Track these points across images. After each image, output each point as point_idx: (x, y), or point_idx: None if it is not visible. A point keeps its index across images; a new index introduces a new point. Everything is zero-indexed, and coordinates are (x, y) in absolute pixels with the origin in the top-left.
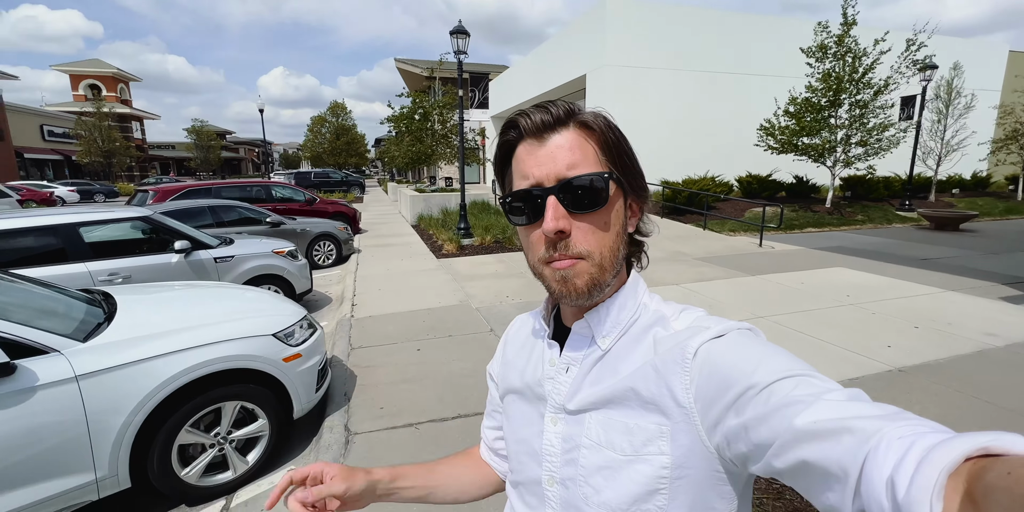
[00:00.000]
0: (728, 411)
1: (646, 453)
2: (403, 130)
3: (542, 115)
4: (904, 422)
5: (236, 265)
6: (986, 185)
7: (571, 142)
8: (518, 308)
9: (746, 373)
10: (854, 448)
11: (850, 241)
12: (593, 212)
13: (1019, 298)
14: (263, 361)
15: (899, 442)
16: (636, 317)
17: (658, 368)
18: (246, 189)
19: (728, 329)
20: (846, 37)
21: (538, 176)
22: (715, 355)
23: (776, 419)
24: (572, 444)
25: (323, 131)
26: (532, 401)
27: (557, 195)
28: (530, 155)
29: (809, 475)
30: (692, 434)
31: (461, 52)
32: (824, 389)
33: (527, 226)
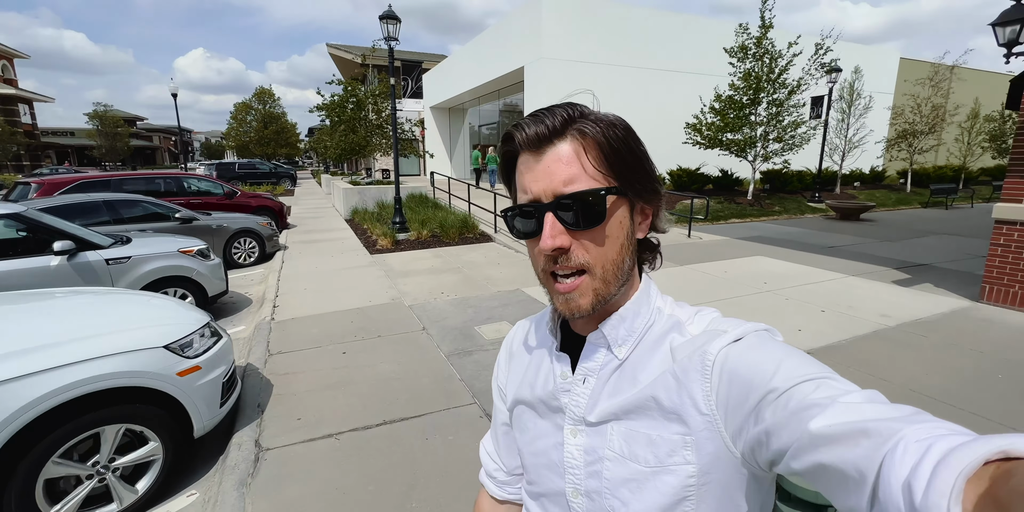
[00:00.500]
0: (750, 417)
1: (671, 464)
2: (336, 119)
3: (537, 127)
4: (922, 424)
5: (133, 267)
6: (882, 179)
7: (568, 156)
8: (453, 305)
9: (765, 378)
10: (871, 451)
11: (769, 231)
12: (592, 228)
13: (907, 281)
14: (152, 377)
15: (916, 445)
16: (651, 323)
17: (678, 376)
18: (154, 182)
19: (745, 332)
20: (764, 39)
21: (535, 192)
22: (734, 360)
23: (794, 423)
24: (595, 456)
25: (248, 119)
26: (546, 414)
27: (554, 212)
28: (528, 169)
29: (827, 478)
30: (717, 441)
31: (392, 38)
32: (841, 391)
33: (530, 240)
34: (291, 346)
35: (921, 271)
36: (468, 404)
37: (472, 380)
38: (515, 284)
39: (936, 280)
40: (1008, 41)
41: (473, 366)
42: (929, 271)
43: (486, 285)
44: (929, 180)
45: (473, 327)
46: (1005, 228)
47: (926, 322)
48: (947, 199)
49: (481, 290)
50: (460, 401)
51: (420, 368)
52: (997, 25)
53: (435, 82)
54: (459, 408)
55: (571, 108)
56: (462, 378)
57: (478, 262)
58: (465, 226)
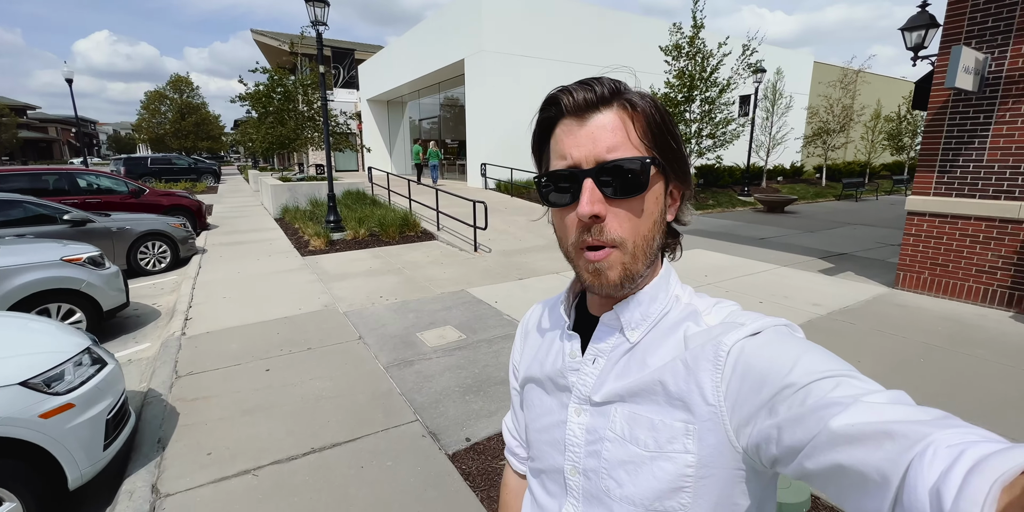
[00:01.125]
0: (761, 410)
1: (670, 450)
2: (262, 111)
3: (585, 93)
4: (953, 429)
5: (1, 280)
6: (801, 173)
7: (613, 123)
8: (393, 310)
9: (782, 372)
10: (896, 454)
11: (705, 224)
12: (631, 198)
13: (832, 270)
14: (3, 423)
15: (947, 450)
16: (667, 310)
17: (688, 364)
18: (40, 179)
19: (764, 326)
20: (696, 39)
21: (576, 157)
22: (749, 353)
23: (812, 420)
24: (596, 436)
25: (163, 109)
26: (553, 391)
27: (595, 178)
28: (569, 135)
29: (844, 480)
30: (719, 433)
31: (320, 23)
32: (865, 390)
33: (562, 208)
34: (204, 365)
35: (842, 260)
36: (409, 422)
37: (413, 394)
38: (459, 285)
39: (856, 268)
40: (915, 45)
41: (415, 378)
42: (849, 260)
43: (428, 287)
44: (841, 175)
45: (415, 333)
46: (916, 219)
47: (852, 310)
48: (856, 192)
49: (423, 292)
50: (400, 419)
51: (355, 383)
52: (905, 30)
53: (372, 74)
54: (399, 427)
55: (617, 81)
56: (402, 392)
57: (420, 262)
58: (406, 224)
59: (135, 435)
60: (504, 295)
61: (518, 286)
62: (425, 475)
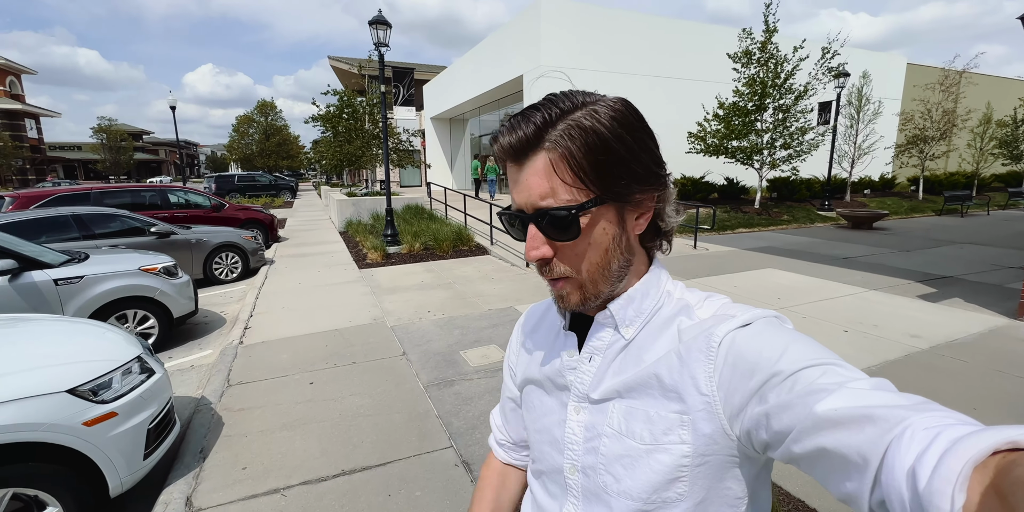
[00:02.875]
0: (751, 398)
1: (666, 442)
2: (333, 130)
3: (510, 138)
4: (930, 413)
5: (86, 288)
6: (892, 186)
7: (544, 168)
8: (439, 325)
9: (771, 361)
10: (876, 437)
11: (778, 241)
12: (571, 241)
13: (934, 296)
14: (48, 429)
15: (924, 433)
16: (659, 306)
17: (682, 356)
18: (138, 195)
19: (754, 317)
20: (768, 44)
21: (519, 202)
22: (740, 343)
23: (799, 406)
24: (594, 433)
25: (250, 131)
26: (552, 391)
27: (536, 223)
28: (512, 181)
29: (827, 462)
30: (714, 422)
31: (382, 44)
32: (849, 378)
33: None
34: (254, 375)
35: (947, 284)
36: (443, 448)
37: (450, 417)
38: (508, 301)
39: (965, 294)
40: None
41: (453, 399)
42: (955, 284)
43: (477, 302)
44: (941, 187)
45: (458, 352)
46: None
47: (962, 344)
48: (962, 206)
49: (471, 308)
50: (434, 444)
51: (394, 402)
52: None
53: (435, 93)
54: (432, 454)
55: (550, 108)
56: (439, 414)
57: (471, 277)
58: (460, 238)
59: (181, 442)
60: None
61: None
62: (453, 511)
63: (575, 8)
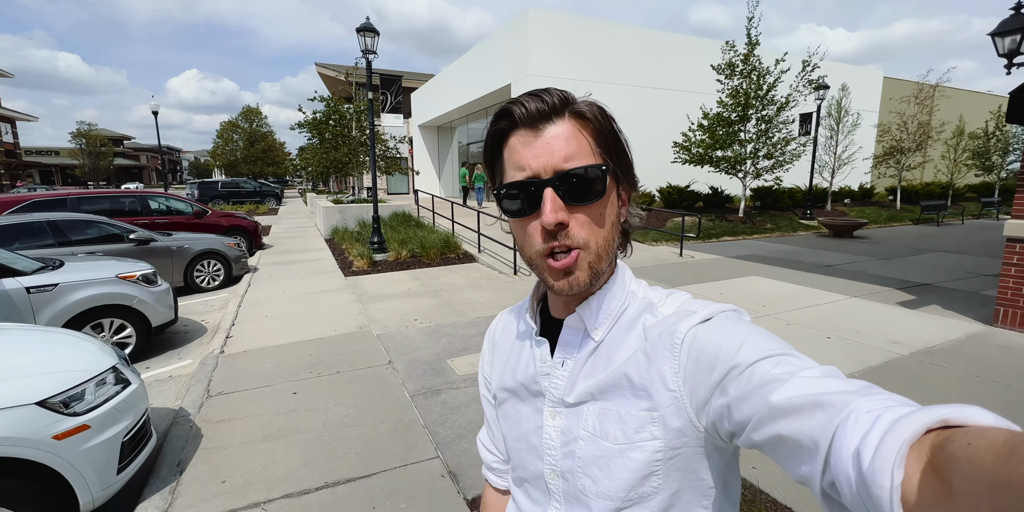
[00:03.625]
0: (714, 391)
1: (639, 440)
2: (319, 137)
3: (537, 104)
4: (873, 397)
5: (60, 296)
6: (871, 196)
7: (567, 132)
8: (426, 334)
9: (730, 354)
10: (824, 422)
11: (762, 249)
12: (590, 204)
13: (913, 303)
14: (15, 444)
15: (866, 416)
16: (625, 306)
17: (648, 354)
18: (116, 201)
19: (714, 312)
20: (751, 56)
21: (535, 167)
22: (701, 338)
23: (756, 397)
24: (570, 437)
25: (235, 138)
26: (527, 398)
27: (555, 187)
28: (526, 146)
29: (784, 448)
30: (683, 416)
31: (370, 51)
32: (801, 367)
33: (523, 218)
34: (235, 385)
35: (924, 291)
36: (429, 458)
37: (436, 426)
38: (495, 309)
39: (942, 301)
40: (1008, 51)
41: (440, 409)
42: (933, 291)
43: (464, 311)
44: (918, 197)
45: (445, 360)
46: (1018, 246)
47: (941, 350)
48: (938, 215)
49: (458, 316)
50: (420, 454)
51: (379, 411)
52: (996, 35)
53: (423, 101)
54: (417, 464)
55: (565, 92)
56: (426, 424)
57: (458, 284)
58: (447, 246)
59: (157, 455)
60: None
61: None
62: None
63: (562, 19)
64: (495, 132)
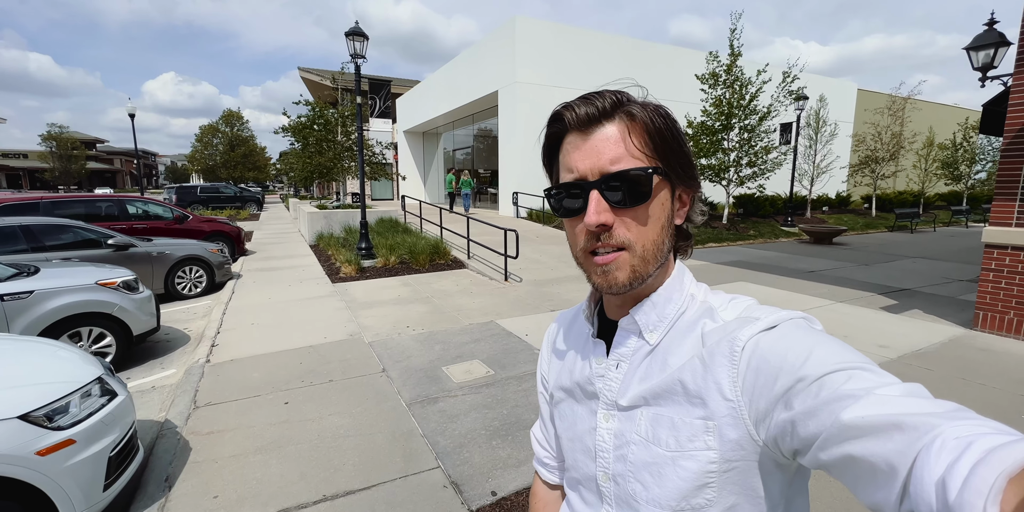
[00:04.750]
0: (777, 404)
1: (691, 449)
2: (304, 142)
3: (587, 108)
4: (963, 421)
5: (36, 303)
6: (847, 203)
7: (616, 135)
8: (419, 341)
9: (796, 365)
10: (904, 446)
11: (747, 255)
12: (636, 206)
13: (896, 307)
14: None
15: (955, 442)
16: (683, 309)
17: (706, 361)
18: (93, 205)
19: (780, 320)
20: (734, 67)
21: (582, 170)
22: (764, 347)
23: (824, 413)
24: (623, 440)
25: (215, 142)
26: (583, 399)
27: (600, 189)
28: (575, 148)
29: (855, 471)
30: (740, 428)
31: (359, 56)
32: (878, 383)
33: (572, 218)
34: (223, 396)
35: (906, 296)
36: (430, 469)
37: (436, 436)
38: (488, 315)
39: (924, 306)
40: (983, 65)
41: (438, 417)
42: (914, 296)
43: (457, 317)
44: (892, 205)
45: (440, 368)
46: (996, 252)
47: (926, 353)
48: (911, 223)
49: (451, 323)
50: (420, 465)
51: (375, 421)
52: (971, 49)
53: (409, 106)
54: (418, 475)
55: (619, 93)
56: (424, 433)
57: (449, 291)
58: (436, 252)
59: (143, 471)
60: (535, 327)
61: (549, 318)
62: None
63: (549, 27)
64: (550, 135)
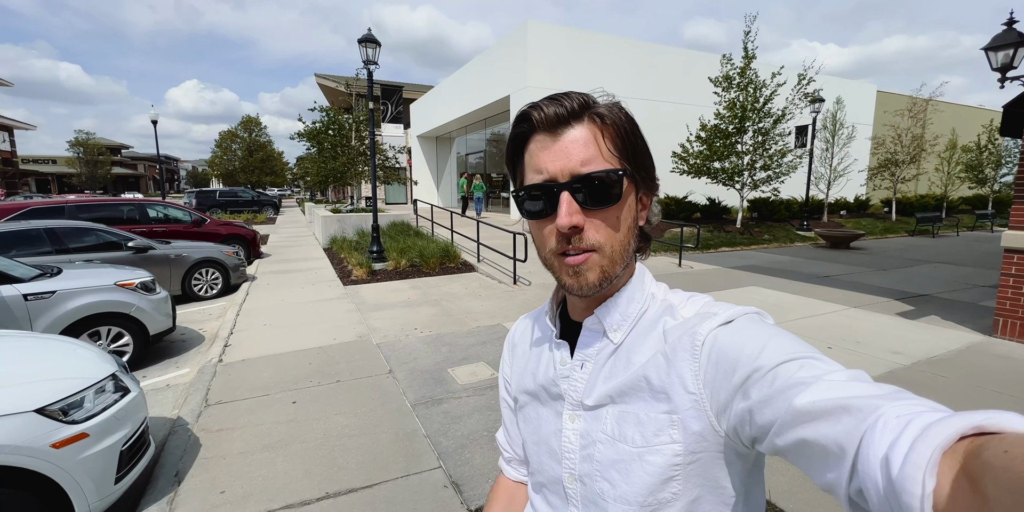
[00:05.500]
0: (736, 394)
1: (657, 443)
2: (318, 146)
3: (556, 108)
4: (902, 401)
5: (58, 303)
6: (866, 207)
7: (585, 137)
8: (426, 342)
9: (752, 357)
10: (851, 427)
11: (760, 260)
12: (606, 208)
13: (912, 313)
14: (13, 451)
15: (896, 421)
16: (645, 308)
17: (668, 356)
18: (114, 209)
19: (735, 315)
20: (747, 69)
21: (552, 171)
22: (722, 341)
23: (779, 401)
24: (589, 440)
25: (234, 147)
26: (547, 401)
27: (571, 191)
28: (544, 149)
29: (809, 454)
30: (703, 420)
31: (371, 62)
32: (826, 370)
33: (540, 220)
34: (234, 394)
35: (923, 302)
36: (431, 469)
37: (438, 436)
38: (496, 318)
39: (941, 312)
40: (1002, 65)
41: (442, 418)
42: (931, 302)
43: (465, 320)
44: (913, 209)
45: (446, 369)
46: (1016, 257)
47: (942, 360)
48: (933, 227)
49: (459, 325)
50: (422, 465)
51: (380, 421)
52: (989, 50)
53: (422, 112)
54: (419, 475)
55: (585, 95)
56: (427, 434)
57: (458, 293)
58: (447, 255)
59: (155, 466)
60: None
61: None
62: None
63: (561, 32)
64: (516, 135)
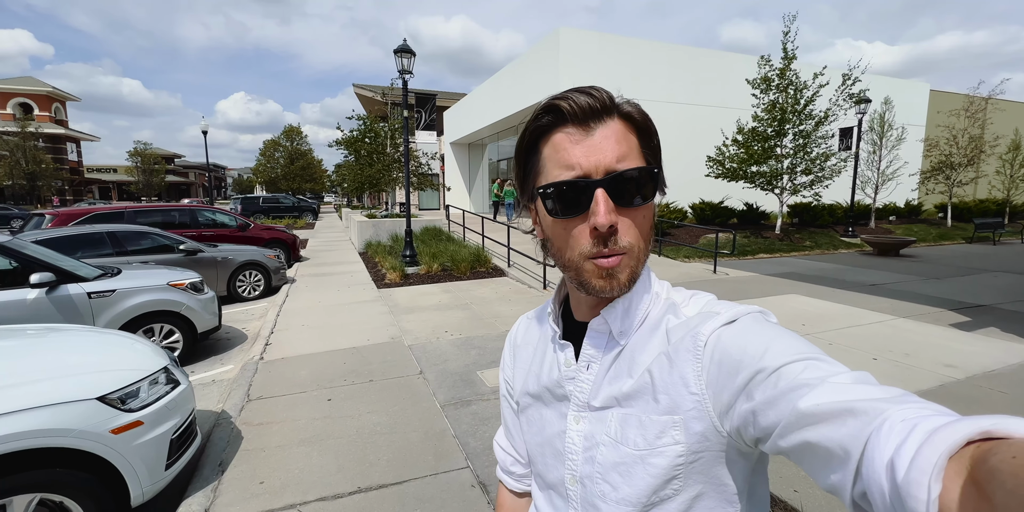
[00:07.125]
0: (739, 395)
1: (660, 445)
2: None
3: (587, 99)
4: (908, 405)
5: (117, 301)
6: (918, 213)
7: (619, 133)
8: (457, 345)
9: (755, 357)
10: (856, 430)
11: (801, 267)
12: (638, 207)
13: (968, 324)
14: (78, 436)
15: (902, 425)
16: (649, 308)
17: (671, 357)
18: (168, 214)
19: (738, 314)
20: (787, 70)
21: (586, 167)
22: (725, 341)
23: (783, 402)
24: (592, 442)
25: (276, 156)
26: (552, 403)
27: (607, 188)
28: (575, 143)
29: (813, 456)
30: (705, 421)
31: (406, 71)
32: (831, 372)
33: (568, 219)
34: (274, 390)
35: (981, 313)
36: (459, 468)
37: (467, 437)
38: None
39: (1001, 323)
40: None
41: (470, 419)
42: (990, 313)
43: (494, 323)
44: (971, 214)
45: (475, 372)
46: None
47: (1001, 374)
48: (994, 234)
49: (488, 329)
50: (451, 464)
51: (411, 420)
52: None
53: (455, 119)
54: (448, 473)
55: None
56: (456, 434)
57: (488, 298)
58: (478, 260)
59: (201, 455)
60: None
61: None
62: None
63: (593, 37)
64: (537, 128)
